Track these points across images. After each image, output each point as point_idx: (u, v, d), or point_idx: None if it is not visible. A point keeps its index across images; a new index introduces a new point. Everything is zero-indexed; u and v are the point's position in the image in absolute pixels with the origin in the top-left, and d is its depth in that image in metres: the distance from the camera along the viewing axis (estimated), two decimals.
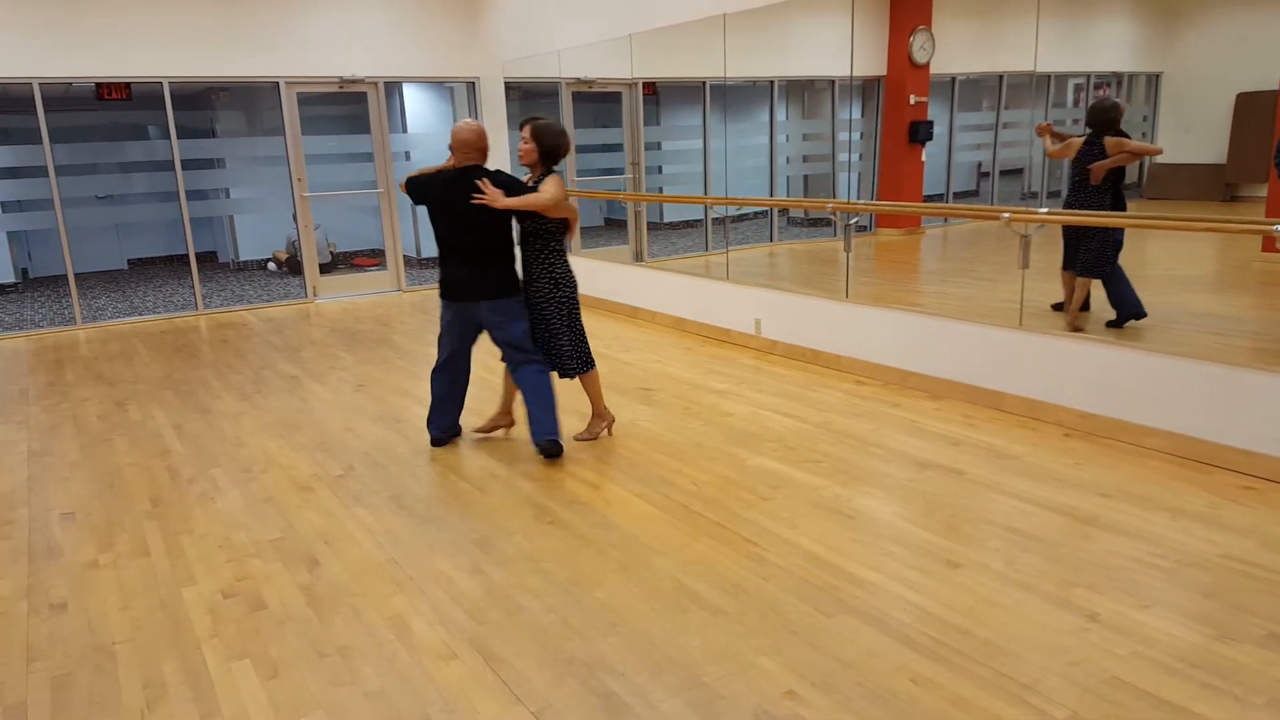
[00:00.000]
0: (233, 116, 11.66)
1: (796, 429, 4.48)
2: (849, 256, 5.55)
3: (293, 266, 10.82)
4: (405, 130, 11.14)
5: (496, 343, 4.25)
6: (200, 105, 11.53)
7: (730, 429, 4.52)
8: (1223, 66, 4.36)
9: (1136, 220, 4.52)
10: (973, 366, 4.78)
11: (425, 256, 11.38)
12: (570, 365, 4.31)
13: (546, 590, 2.98)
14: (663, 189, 8.89)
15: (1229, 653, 2.48)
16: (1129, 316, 4.65)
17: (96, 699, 2.49)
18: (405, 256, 9.85)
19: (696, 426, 4.58)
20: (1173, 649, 2.51)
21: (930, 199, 6.34)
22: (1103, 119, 4.62)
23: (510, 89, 9.01)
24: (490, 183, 3.98)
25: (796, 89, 7.53)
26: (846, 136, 6.88)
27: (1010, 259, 4.59)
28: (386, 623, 2.82)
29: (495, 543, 3.36)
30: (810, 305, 5.74)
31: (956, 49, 5.95)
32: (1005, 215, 4.48)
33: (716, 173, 7.39)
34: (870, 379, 5.33)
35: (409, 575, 3.13)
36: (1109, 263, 4.73)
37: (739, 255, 7.30)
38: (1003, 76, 5.90)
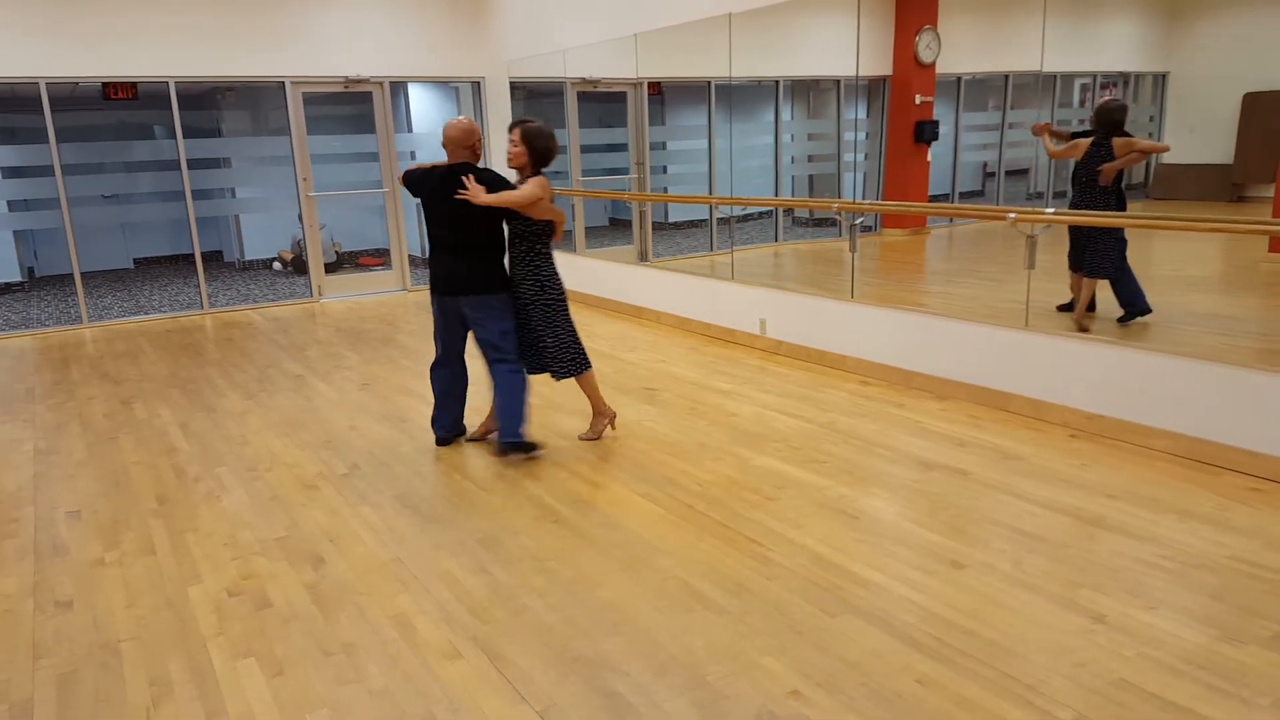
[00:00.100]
0: (238, 116, 11.69)
1: (801, 429, 4.48)
2: (854, 256, 5.55)
3: (298, 266, 10.85)
4: (410, 130, 11.16)
5: (475, 340, 4.25)
6: (206, 105, 11.56)
7: (735, 429, 4.52)
8: (1230, 66, 4.35)
9: (1143, 220, 4.51)
10: (978, 367, 4.77)
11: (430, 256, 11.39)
12: (557, 368, 4.29)
13: (551, 589, 2.98)
14: (667, 189, 8.90)
15: (1235, 654, 2.47)
16: (1136, 313, 4.67)
17: (102, 696, 2.50)
18: (410, 256, 9.86)
19: (701, 426, 4.58)
20: (1179, 650, 2.50)
21: (936, 199, 6.33)
22: (1110, 120, 4.64)
23: (515, 89, 9.01)
24: (474, 180, 3.99)
25: (802, 89, 7.53)
26: (852, 136, 6.87)
27: (1015, 259, 4.58)
28: (391, 621, 2.82)
29: (500, 542, 3.36)
30: (815, 305, 5.73)
31: (962, 49, 5.95)
32: (1011, 215, 4.47)
33: (721, 173, 7.39)
34: (875, 379, 5.32)
35: (414, 574, 3.13)
36: (1117, 263, 4.75)
37: (744, 255, 7.30)
38: (1008, 76, 5.89)
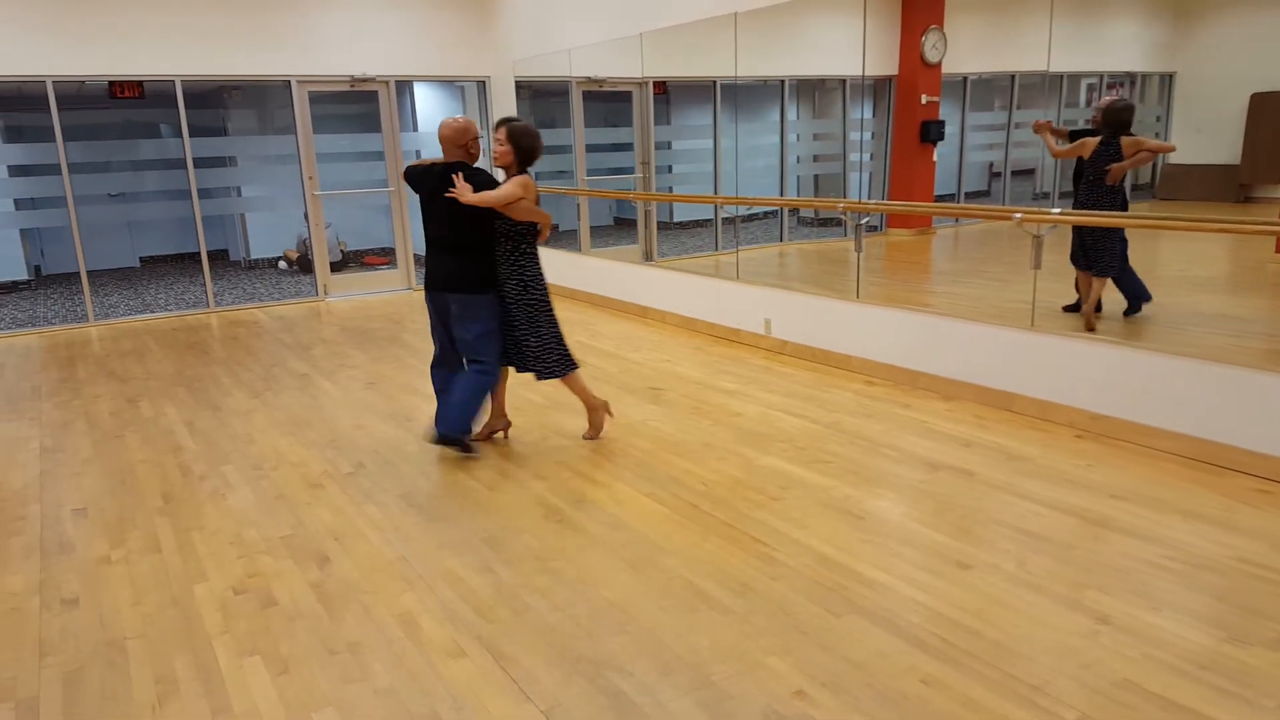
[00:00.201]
0: (244, 115, 11.71)
1: (806, 429, 4.47)
2: (860, 256, 5.54)
3: (304, 265, 10.87)
4: (416, 129, 11.17)
5: (454, 337, 4.25)
6: (212, 104, 11.58)
7: (740, 429, 4.52)
8: (1236, 67, 4.34)
9: (1150, 221, 4.50)
10: (984, 367, 4.76)
11: None
12: (540, 369, 4.26)
13: (555, 589, 2.99)
14: (672, 188, 8.89)
15: (1240, 655, 2.47)
16: (1141, 302, 4.78)
17: (108, 694, 2.51)
18: (415, 255, 9.87)
19: (706, 426, 4.58)
20: (1184, 652, 2.49)
21: (941, 199, 6.32)
22: (1117, 120, 4.64)
23: (520, 88, 9.02)
24: (464, 179, 3.99)
25: (807, 88, 7.52)
26: (857, 136, 6.86)
27: (1021, 259, 4.57)
28: (396, 620, 2.83)
29: (504, 541, 3.36)
30: (820, 305, 5.73)
31: (968, 48, 5.93)
32: (1018, 215, 4.47)
33: (727, 172, 7.39)
34: (881, 379, 5.31)
35: (419, 573, 3.14)
36: (1122, 260, 4.78)
37: (749, 255, 7.29)
38: (1015, 76, 5.88)
